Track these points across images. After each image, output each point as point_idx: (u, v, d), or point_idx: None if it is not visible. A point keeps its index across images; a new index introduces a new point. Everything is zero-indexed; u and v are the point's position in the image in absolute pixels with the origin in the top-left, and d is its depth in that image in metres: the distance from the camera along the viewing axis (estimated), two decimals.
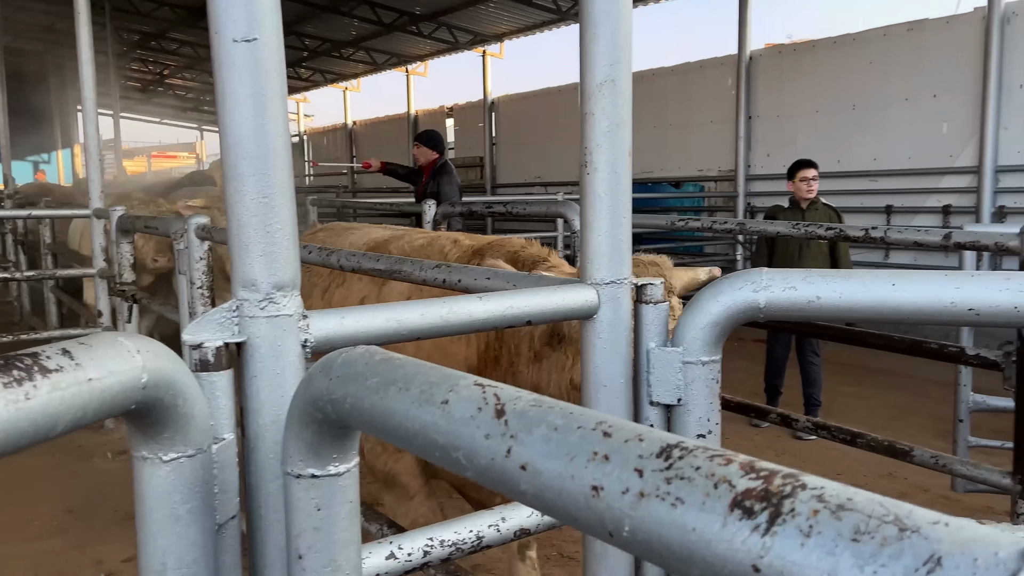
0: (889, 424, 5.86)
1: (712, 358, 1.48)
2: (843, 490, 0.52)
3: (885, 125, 9.86)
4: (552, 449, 0.68)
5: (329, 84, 21.44)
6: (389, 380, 0.86)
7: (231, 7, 1.07)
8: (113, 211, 4.58)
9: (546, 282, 1.61)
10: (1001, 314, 1.30)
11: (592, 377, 1.56)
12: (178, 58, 19.42)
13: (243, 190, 1.11)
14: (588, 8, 1.44)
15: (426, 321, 1.33)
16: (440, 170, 6.88)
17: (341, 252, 2.36)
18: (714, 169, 12.02)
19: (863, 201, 10.02)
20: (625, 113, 1.50)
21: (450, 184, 6.81)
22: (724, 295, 1.45)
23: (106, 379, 0.85)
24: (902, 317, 1.40)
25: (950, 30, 9.21)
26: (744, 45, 11.28)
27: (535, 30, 15.00)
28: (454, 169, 7.15)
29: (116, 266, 4.59)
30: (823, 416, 5.27)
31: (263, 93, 1.09)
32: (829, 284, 1.41)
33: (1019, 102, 8.66)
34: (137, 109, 25.58)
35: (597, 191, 1.52)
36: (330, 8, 14.20)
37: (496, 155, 16.53)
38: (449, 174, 6.92)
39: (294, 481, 0.99)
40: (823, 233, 2.95)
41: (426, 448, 0.81)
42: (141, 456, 0.99)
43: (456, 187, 6.87)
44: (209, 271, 3.40)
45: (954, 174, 9.24)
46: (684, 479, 0.58)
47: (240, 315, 1.13)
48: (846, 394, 6.83)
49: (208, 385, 1.09)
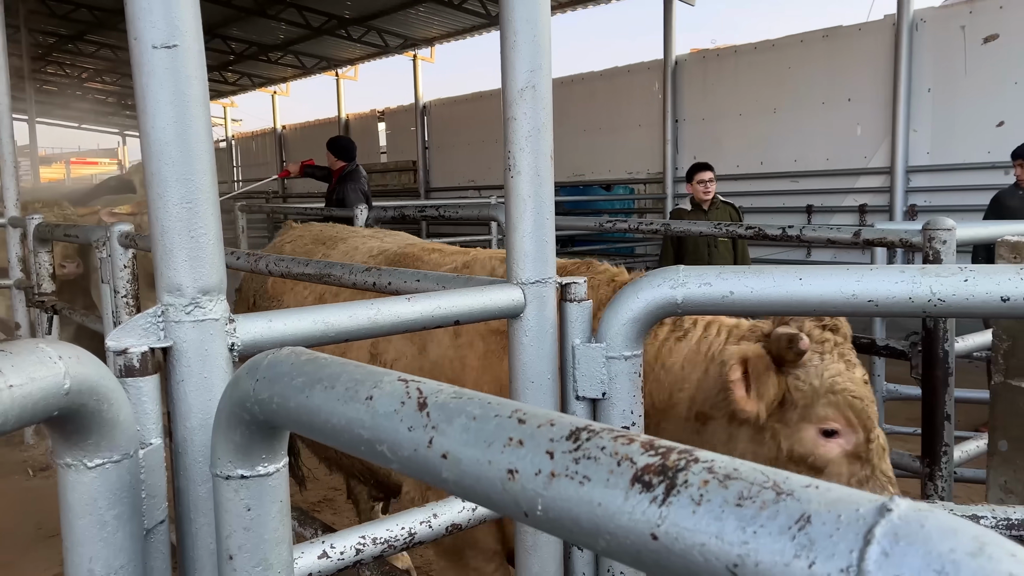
0: None
1: (634, 352, 1.54)
2: (730, 462, 0.57)
3: (804, 128, 10.24)
4: (471, 437, 0.72)
5: (257, 88, 21.03)
6: (314, 379, 0.89)
7: (150, 13, 1.08)
8: (30, 220, 4.42)
9: (473, 283, 1.65)
10: (897, 304, 1.40)
11: (520, 374, 1.60)
12: (97, 61, 18.76)
13: (166, 196, 1.11)
14: (508, 16, 1.49)
15: (354, 323, 1.35)
16: (346, 177, 6.99)
17: (270, 257, 2.35)
18: (643, 172, 12.27)
19: (785, 201, 10.38)
20: (546, 117, 1.55)
21: (354, 191, 6.89)
22: (644, 292, 1.51)
23: (27, 386, 0.85)
24: (809, 310, 1.49)
25: (862, 37, 9.63)
26: (670, 50, 11.55)
27: (465, 34, 15.04)
28: (363, 176, 7.24)
29: (34, 276, 4.43)
30: None
31: (184, 99, 1.10)
32: (741, 280, 1.48)
33: (927, 105, 9.11)
34: (54, 114, 24.59)
35: (521, 193, 1.57)
36: (256, 11, 13.95)
37: (429, 159, 16.50)
38: (355, 181, 7.01)
39: (223, 482, 1.00)
40: (742, 232, 3.07)
41: (352, 443, 0.84)
42: (65, 463, 0.99)
43: (360, 193, 6.94)
44: (134, 279, 3.32)
45: (869, 174, 9.66)
46: (591, 459, 0.62)
47: (166, 320, 1.14)
48: None
49: (134, 390, 1.09)
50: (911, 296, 1.39)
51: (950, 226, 2.62)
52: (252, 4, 13.65)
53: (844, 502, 0.50)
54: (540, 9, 1.50)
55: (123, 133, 28.27)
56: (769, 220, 10.34)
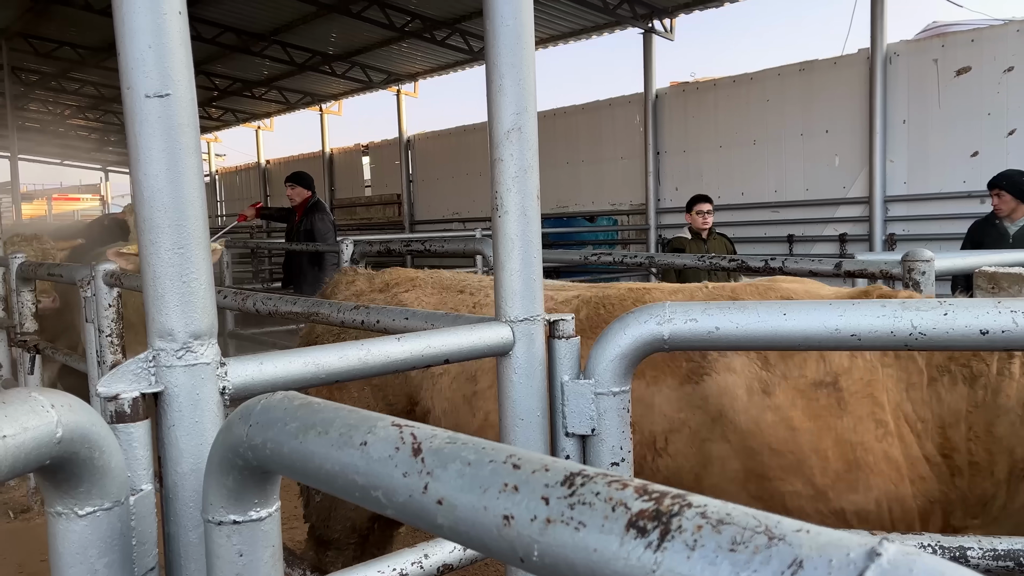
0: None
1: (622, 388, 1.55)
2: (723, 506, 0.59)
3: (783, 159, 10.40)
4: (466, 483, 0.72)
5: (241, 123, 21.10)
6: (308, 424, 0.89)
7: (143, 63, 1.10)
8: (13, 258, 4.39)
9: (462, 321, 1.66)
10: (879, 339, 1.42)
11: (509, 411, 1.61)
12: (80, 98, 18.77)
13: (158, 242, 1.12)
14: (493, 60, 1.52)
15: (345, 364, 1.35)
16: (313, 208, 7.06)
17: (257, 296, 2.35)
18: (626, 203, 12.38)
19: (767, 231, 10.50)
20: (532, 158, 1.57)
21: (323, 221, 6.97)
22: (631, 328, 1.53)
23: (20, 436, 0.85)
24: (793, 344, 1.51)
25: (838, 70, 9.83)
26: (650, 84, 11.74)
27: (448, 70, 15.21)
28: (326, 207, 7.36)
29: (16, 315, 4.39)
30: None
31: (177, 147, 1.11)
32: (727, 315, 1.50)
33: (903, 136, 9.29)
34: (37, 151, 24.52)
35: (508, 233, 1.59)
36: (240, 48, 14.05)
37: (413, 192, 16.58)
38: (322, 211, 7.11)
39: (215, 528, 1.00)
40: (726, 265, 3.11)
41: (347, 489, 0.84)
42: (55, 511, 0.98)
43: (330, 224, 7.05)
44: (119, 318, 3.30)
45: (848, 204, 9.80)
46: (586, 504, 0.63)
47: (157, 365, 1.14)
48: None
49: (125, 437, 1.09)
50: (892, 330, 1.41)
51: (929, 257, 2.67)
52: (236, 41, 13.75)
53: (834, 546, 0.52)
54: (525, 54, 1.53)
55: (106, 169, 28.19)
56: (751, 250, 10.46)
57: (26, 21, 12.93)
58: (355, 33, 13.27)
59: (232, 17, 12.80)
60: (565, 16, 11.93)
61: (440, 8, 12.09)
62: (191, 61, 1.14)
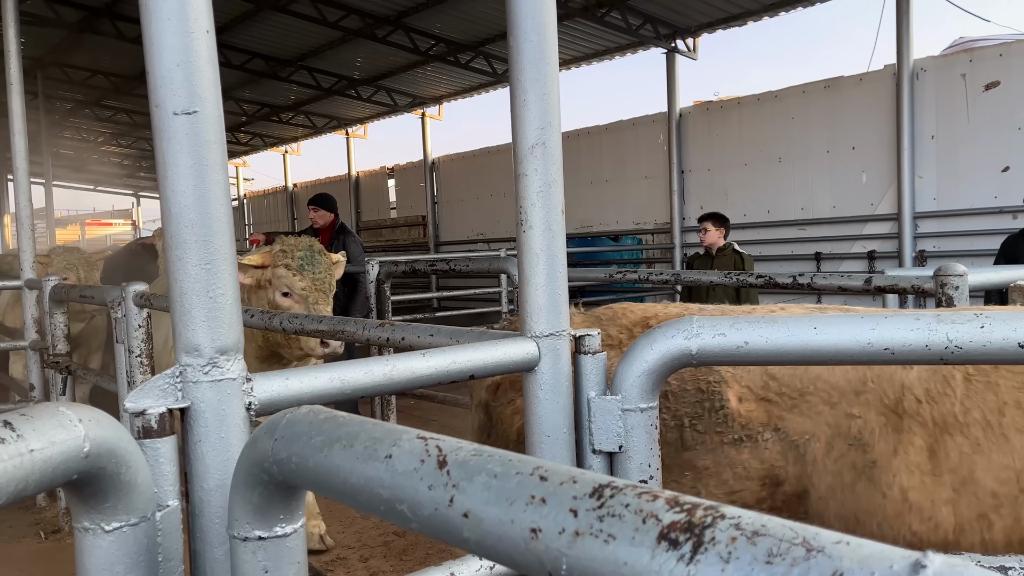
0: None
1: (650, 404, 1.53)
2: (758, 518, 0.57)
3: (809, 176, 10.32)
4: (492, 496, 0.71)
5: (269, 148, 21.41)
6: (333, 438, 0.89)
7: (172, 81, 1.11)
8: (46, 281, 4.47)
9: (487, 336, 1.65)
10: (913, 352, 1.39)
11: (536, 428, 1.59)
12: (113, 125, 19.18)
13: (185, 258, 1.13)
14: (517, 76, 1.52)
15: (370, 379, 1.35)
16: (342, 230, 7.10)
17: (284, 315, 2.37)
18: (650, 222, 12.34)
19: (793, 249, 10.40)
20: (557, 173, 1.57)
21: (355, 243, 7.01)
22: (658, 343, 1.51)
23: (47, 450, 0.85)
24: (824, 359, 1.48)
25: (864, 86, 9.76)
26: (673, 103, 11.73)
27: (472, 92, 15.33)
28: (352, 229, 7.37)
29: (49, 337, 4.46)
30: None
31: (204, 164, 1.12)
32: (756, 329, 1.48)
33: (931, 152, 9.18)
34: (71, 177, 25.05)
35: (533, 248, 1.58)
36: (268, 74, 14.29)
37: (438, 213, 16.68)
38: (351, 234, 7.17)
39: (241, 544, 0.99)
40: (753, 281, 3.07)
41: (372, 503, 0.83)
42: (83, 527, 0.98)
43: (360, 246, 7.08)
44: (148, 339, 3.34)
45: (876, 221, 9.68)
46: (615, 516, 0.62)
47: (183, 380, 1.14)
48: None
49: (151, 452, 1.09)
50: (927, 343, 1.38)
51: (962, 272, 2.62)
52: (264, 67, 13.99)
53: (876, 558, 0.50)
54: (548, 69, 1.53)
55: (137, 194, 28.71)
56: (778, 268, 10.35)
57: (61, 50, 13.26)
58: (380, 57, 13.45)
59: (260, 44, 13.03)
60: (588, 37, 12.00)
61: (464, 32, 12.22)
62: (218, 79, 1.15)
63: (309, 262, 3.85)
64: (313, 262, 3.86)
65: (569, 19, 10.76)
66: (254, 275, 3.88)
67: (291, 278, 3.83)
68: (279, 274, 3.85)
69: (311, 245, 3.96)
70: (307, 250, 3.90)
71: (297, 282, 3.82)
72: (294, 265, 3.83)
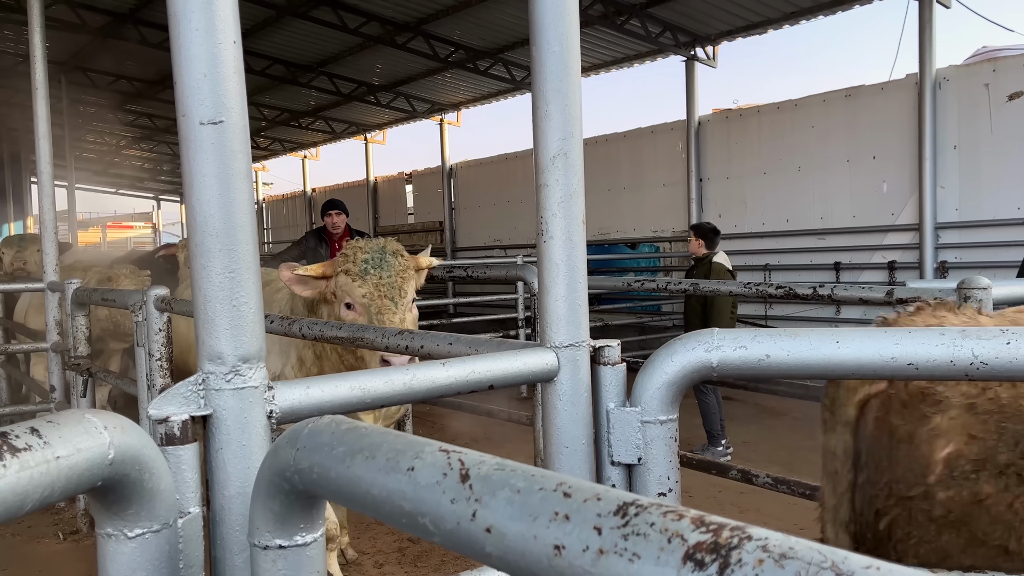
0: None
1: (670, 417, 1.52)
2: (785, 540, 0.56)
3: (829, 185, 10.25)
4: (515, 511, 0.71)
5: (288, 152, 21.56)
6: (355, 449, 0.89)
7: (199, 91, 1.12)
8: (68, 284, 4.52)
9: (506, 347, 1.65)
10: (938, 368, 1.37)
11: (554, 439, 1.58)
12: (135, 129, 19.39)
13: (209, 266, 1.14)
14: (540, 87, 1.52)
15: (390, 388, 1.35)
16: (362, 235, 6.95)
17: (303, 321, 2.38)
18: (668, 230, 12.30)
19: (812, 259, 10.32)
20: (578, 183, 1.57)
21: None
22: (678, 355, 1.50)
23: (73, 456, 0.86)
24: (846, 373, 1.46)
25: (885, 96, 9.69)
26: (692, 111, 11.70)
27: (491, 99, 15.36)
28: None
29: (71, 339, 4.51)
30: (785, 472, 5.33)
31: (229, 173, 1.13)
32: (777, 343, 1.47)
33: (953, 162, 9.09)
34: (93, 180, 25.34)
35: (554, 258, 1.58)
36: (288, 80, 14.40)
37: (455, 219, 16.71)
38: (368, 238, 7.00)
39: (261, 552, 1.00)
40: (773, 292, 3.05)
41: (393, 515, 0.83)
42: (106, 533, 0.99)
43: None
44: (168, 343, 3.37)
45: (897, 231, 9.60)
46: (640, 535, 0.61)
47: (206, 388, 1.15)
48: (805, 448, 6.91)
49: (174, 459, 1.10)
50: (952, 359, 1.36)
51: (986, 285, 2.58)
52: (285, 73, 14.09)
53: None
54: (571, 80, 1.53)
55: (158, 197, 28.98)
56: (797, 277, 10.28)
57: (85, 55, 13.44)
58: (400, 64, 13.51)
59: (281, 49, 13.14)
60: (608, 45, 12.00)
61: (483, 39, 12.26)
62: (244, 90, 1.16)
63: (376, 264, 3.25)
64: (382, 264, 3.25)
65: (589, 27, 10.77)
66: (315, 287, 3.36)
67: (351, 285, 3.23)
68: (340, 283, 3.28)
69: (383, 246, 3.37)
70: (376, 252, 3.30)
71: (357, 288, 3.22)
72: (355, 270, 3.23)
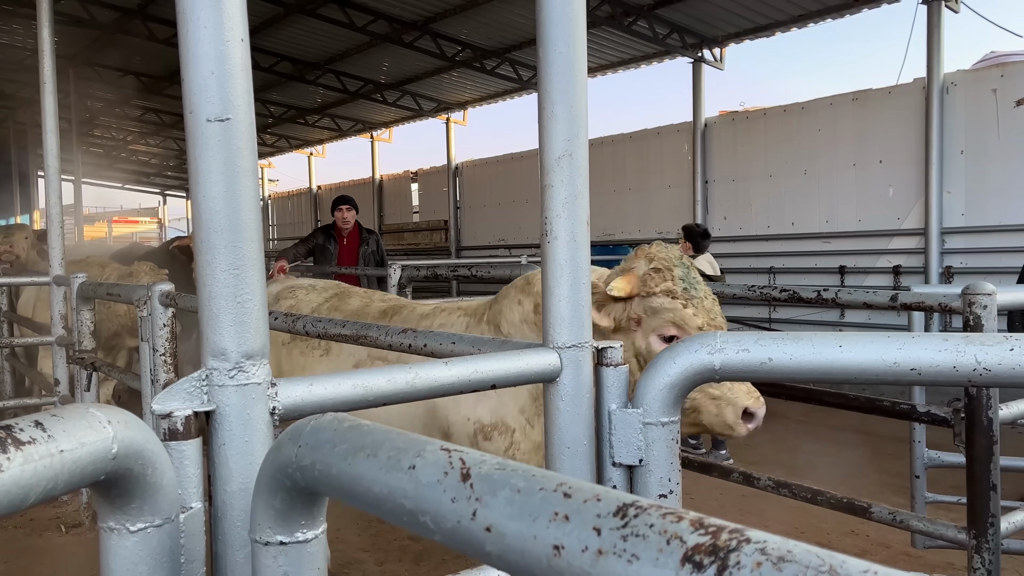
0: (850, 481, 5.93)
1: (671, 419, 1.53)
2: (784, 543, 0.56)
3: (835, 189, 10.23)
4: (516, 511, 0.71)
5: (294, 149, 21.60)
6: (357, 447, 0.89)
7: (206, 88, 1.13)
8: (74, 278, 4.54)
9: (509, 346, 1.66)
10: (941, 374, 1.37)
11: (556, 439, 1.59)
12: (142, 124, 19.45)
13: (214, 262, 1.14)
14: (546, 87, 1.53)
15: (393, 387, 1.36)
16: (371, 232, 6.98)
17: (307, 318, 2.38)
18: (673, 232, 12.28)
19: (817, 262, 10.30)
20: (583, 184, 1.57)
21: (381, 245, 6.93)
22: (681, 357, 1.50)
23: (77, 450, 0.87)
24: (849, 377, 1.46)
25: (893, 100, 9.66)
26: (699, 113, 11.69)
27: (497, 98, 15.37)
28: None
29: (76, 333, 4.52)
30: (787, 474, 5.32)
31: (235, 170, 1.14)
32: (780, 346, 1.47)
33: (960, 167, 9.07)
34: (99, 175, 25.42)
35: (558, 259, 1.58)
36: (295, 77, 14.43)
37: (460, 218, 16.73)
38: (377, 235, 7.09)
39: (262, 548, 1.00)
40: (777, 295, 3.05)
41: (395, 513, 0.84)
42: (108, 527, 1.00)
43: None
44: (173, 338, 3.38)
45: (902, 236, 9.58)
46: (639, 536, 0.62)
47: (209, 384, 1.15)
48: (808, 452, 6.91)
49: (177, 454, 1.10)
50: (955, 365, 1.36)
51: (991, 291, 2.58)
52: (292, 70, 14.12)
53: None
54: (577, 81, 1.54)
55: (164, 193, 29.06)
56: (801, 281, 10.27)
57: (93, 50, 13.48)
58: (407, 62, 13.53)
59: (289, 47, 13.17)
60: (615, 46, 11.99)
61: (490, 38, 12.26)
62: (251, 87, 1.17)
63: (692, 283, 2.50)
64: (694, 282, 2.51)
65: (596, 27, 10.77)
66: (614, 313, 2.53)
67: (682, 312, 2.44)
68: (662, 306, 2.46)
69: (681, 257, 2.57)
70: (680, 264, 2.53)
71: (692, 318, 2.44)
72: (678, 289, 2.46)
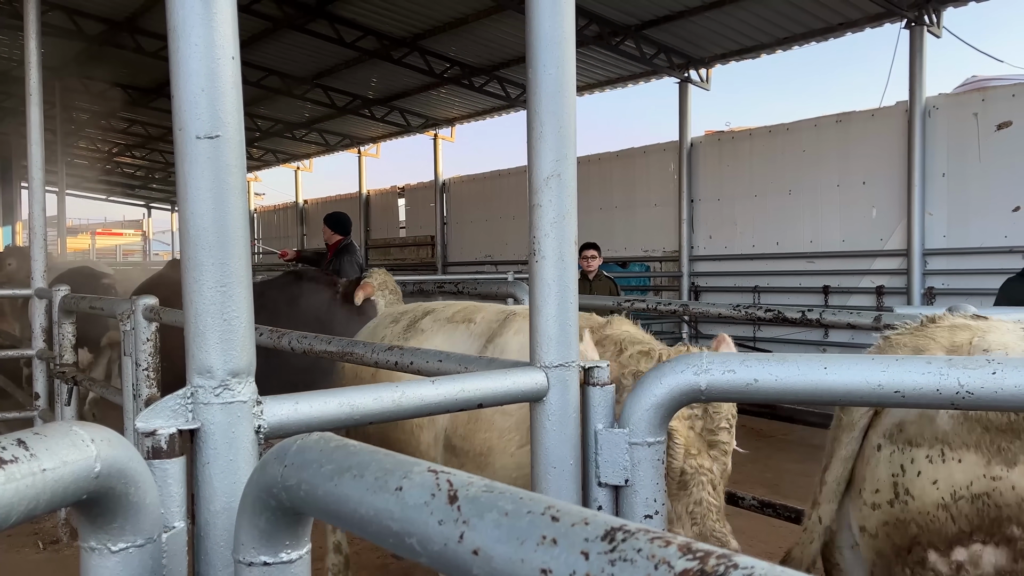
0: None
1: (657, 439, 1.53)
2: (772, 569, 0.57)
3: (819, 209, 10.33)
4: (503, 534, 0.71)
5: (281, 163, 21.55)
6: (344, 467, 0.89)
7: (196, 106, 1.12)
8: (56, 291, 4.50)
9: (496, 365, 1.66)
10: (924, 396, 1.38)
11: (542, 459, 1.58)
12: (128, 136, 19.35)
13: (201, 279, 1.14)
14: (535, 108, 1.54)
15: (380, 406, 1.35)
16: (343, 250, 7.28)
17: (292, 334, 2.37)
18: (659, 250, 12.35)
19: (801, 282, 10.38)
20: (571, 205, 1.58)
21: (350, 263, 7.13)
22: (667, 378, 1.51)
23: (59, 469, 0.86)
24: (834, 399, 1.47)
25: (876, 122, 9.79)
26: (685, 132, 11.78)
27: (485, 115, 15.43)
28: (357, 249, 7.62)
29: (57, 347, 4.48)
30: (771, 494, 5.33)
31: (224, 187, 1.14)
32: (765, 368, 1.48)
33: (942, 189, 9.18)
34: (83, 186, 25.24)
35: (545, 278, 1.59)
36: (283, 91, 14.43)
37: (447, 234, 16.73)
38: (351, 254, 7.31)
39: (245, 569, 0.99)
40: (762, 315, 3.07)
41: (380, 535, 0.83)
42: (89, 546, 0.98)
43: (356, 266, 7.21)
44: (156, 352, 3.35)
45: (885, 256, 9.67)
46: (627, 561, 0.62)
47: (194, 402, 1.14)
48: (793, 471, 6.92)
49: (160, 473, 1.09)
50: (938, 388, 1.38)
51: (972, 313, 2.61)
52: (280, 84, 14.12)
53: None
54: (566, 102, 1.55)
55: (148, 205, 28.88)
56: (786, 300, 10.33)
57: (80, 62, 13.42)
58: (395, 78, 13.56)
59: (277, 61, 13.17)
60: (602, 65, 12.08)
61: (479, 56, 12.32)
62: (241, 105, 1.17)
63: None
64: None
65: (584, 47, 10.85)
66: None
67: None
68: None
69: None
70: None
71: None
72: None
